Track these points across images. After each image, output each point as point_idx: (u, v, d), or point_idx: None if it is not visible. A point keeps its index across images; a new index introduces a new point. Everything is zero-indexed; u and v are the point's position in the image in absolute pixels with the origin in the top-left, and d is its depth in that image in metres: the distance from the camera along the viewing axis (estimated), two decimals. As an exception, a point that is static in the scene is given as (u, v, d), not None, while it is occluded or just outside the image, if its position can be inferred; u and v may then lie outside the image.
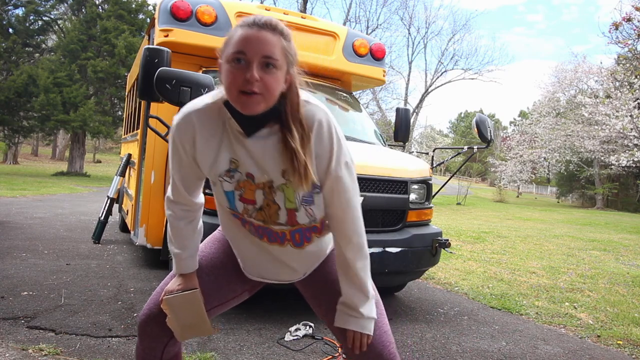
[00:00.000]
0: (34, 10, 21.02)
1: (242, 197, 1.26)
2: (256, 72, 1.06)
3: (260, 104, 1.09)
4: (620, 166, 18.96)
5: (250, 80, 1.06)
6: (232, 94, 1.09)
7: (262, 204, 1.26)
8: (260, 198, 1.25)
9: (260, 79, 1.07)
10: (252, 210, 1.27)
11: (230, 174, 1.23)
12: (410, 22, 29.47)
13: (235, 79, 1.08)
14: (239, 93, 1.08)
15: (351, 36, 4.29)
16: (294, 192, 1.24)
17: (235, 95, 1.09)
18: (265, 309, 3.27)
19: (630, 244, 8.76)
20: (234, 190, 1.25)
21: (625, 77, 17.22)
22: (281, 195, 1.24)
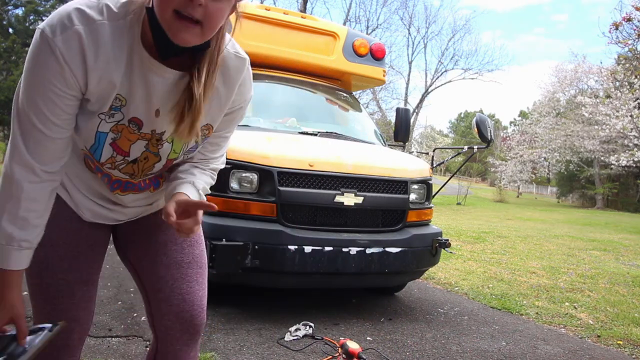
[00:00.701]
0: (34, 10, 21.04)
1: (115, 143, 1.04)
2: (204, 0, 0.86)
3: (195, 37, 0.91)
4: (620, 166, 18.95)
5: (194, 2, 0.85)
6: (164, 12, 0.88)
7: (137, 156, 1.08)
8: (138, 150, 1.07)
9: (205, 5, 0.87)
10: (121, 162, 1.08)
11: (111, 111, 1.00)
12: (410, 22, 29.49)
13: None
14: (174, 14, 0.87)
15: (351, 36, 4.29)
16: (182, 143, 1.10)
17: (169, 15, 0.88)
18: (265, 309, 3.27)
19: (630, 244, 8.76)
20: (108, 132, 1.02)
21: (626, 77, 17.21)
22: (168, 147, 1.09)
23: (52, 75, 0.92)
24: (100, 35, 0.92)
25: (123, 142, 1.05)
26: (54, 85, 0.92)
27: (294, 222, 2.98)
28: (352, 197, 3.05)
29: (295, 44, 4.04)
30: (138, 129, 1.04)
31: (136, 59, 0.97)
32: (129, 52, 0.96)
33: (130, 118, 1.02)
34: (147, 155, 1.09)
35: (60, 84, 0.93)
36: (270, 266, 2.86)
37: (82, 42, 0.91)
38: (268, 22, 3.91)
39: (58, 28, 0.90)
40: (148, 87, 1.00)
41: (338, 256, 2.93)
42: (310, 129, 3.68)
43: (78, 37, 0.90)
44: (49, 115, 0.95)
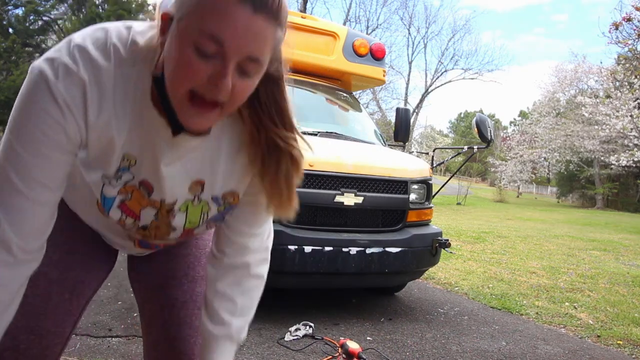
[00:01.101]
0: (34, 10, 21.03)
1: (125, 204, 0.89)
2: (231, 78, 0.70)
3: (213, 122, 0.77)
4: (620, 166, 18.96)
5: (219, 87, 0.69)
6: (177, 90, 0.72)
7: (147, 223, 0.93)
8: (148, 218, 0.92)
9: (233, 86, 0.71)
10: (132, 225, 0.92)
11: (118, 173, 0.85)
12: (410, 22, 29.50)
13: (193, 74, 0.69)
14: (190, 95, 0.71)
15: (351, 36, 4.29)
16: (201, 212, 0.93)
17: (182, 95, 0.71)
18: (265, 309, 3.27)
19: (630, 244, 8.76)
20: (115, 195, 0.87)
21: (625, 77, 17.22)
22: (181, 217, 0.93)
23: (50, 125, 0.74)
24: (105, 86, 0.76)
25: (134, 204, 0.89)
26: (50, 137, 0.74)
27: (294, 222, 2.98)
28: (352, 197, 3.05)
29: (295, 44, 4.03)
30: (148, 194, 0.88)
31: (146, 115, 0.80)
32: (137, 107, 0.79)
33: (141, 180, 0.86)
34: (157, 224, 0.94)
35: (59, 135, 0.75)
36: (270, 266, 2.85)
37: (85, 93, 0.75)
38: (268, 22, 3.91)
39: (61, 71, 0.73)
40: (156, 151, 0.83)
41: (338, 256, 2.93)
42: (310, 129, 3.68)
43: (82, 86, 0.74)
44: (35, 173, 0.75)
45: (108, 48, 0.76)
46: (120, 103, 0.78)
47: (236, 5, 0.67)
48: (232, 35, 0.67)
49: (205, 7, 0.67)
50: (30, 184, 0.75)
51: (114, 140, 0.80)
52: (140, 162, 0.84)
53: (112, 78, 0.76)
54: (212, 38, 0.67)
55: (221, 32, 0.67)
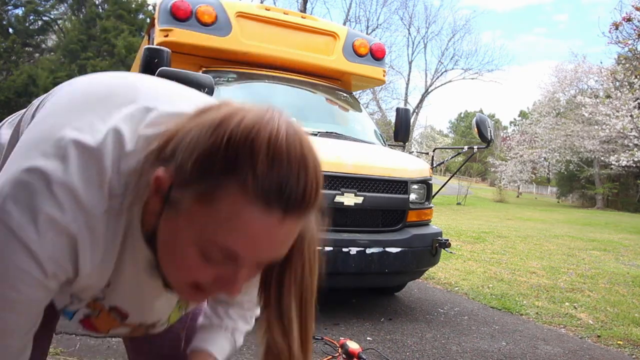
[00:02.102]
0: (34, 10, 21.05)
1: (87, 320, 0.77)
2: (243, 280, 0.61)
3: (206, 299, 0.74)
4: (620, 166, 18.96)
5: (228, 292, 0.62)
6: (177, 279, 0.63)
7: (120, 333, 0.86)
8: (121, 332, 0.84)
9: None
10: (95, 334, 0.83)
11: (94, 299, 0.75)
12: (410, 22, 29.51)
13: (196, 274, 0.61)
14: (193, 285, 0.63)
15: (351, 36, 4.29)
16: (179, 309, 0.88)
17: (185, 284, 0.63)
18: (265, 309, 3.27)
19: (630, 244, 8.76)
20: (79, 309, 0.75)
21: (625, 77, 17.22)
22: (163, 325, 0.87)
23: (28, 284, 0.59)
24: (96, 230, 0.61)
25: (101, 324, 0.77)
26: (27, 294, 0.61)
27: (294, 222, 2.97)
28: (352, 197, 3.05)
29: (295, 44, 4.04)
30: (121, 319, 0.77)
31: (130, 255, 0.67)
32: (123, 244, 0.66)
33: (112, 306, 0.74)
34: (132, 332, 0.85)
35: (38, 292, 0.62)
36: (270, 266, 2.86)
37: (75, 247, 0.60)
38: (268, 22, 3.91)
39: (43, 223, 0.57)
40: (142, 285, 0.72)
41: (338, 256, 2.93)
42: (310, 129, 3.68)
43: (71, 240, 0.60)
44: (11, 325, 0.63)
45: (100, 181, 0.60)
46: (111, 244, 0.64)
47: (261, 215, 0.53)
48: (251, 249, 0.56)
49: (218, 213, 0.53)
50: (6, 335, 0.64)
51: (98, 279, 0.68)
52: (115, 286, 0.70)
53: (104, 220, 0.61)
54: (224, 251, 0.56)
55: (237, 246, 0.55)
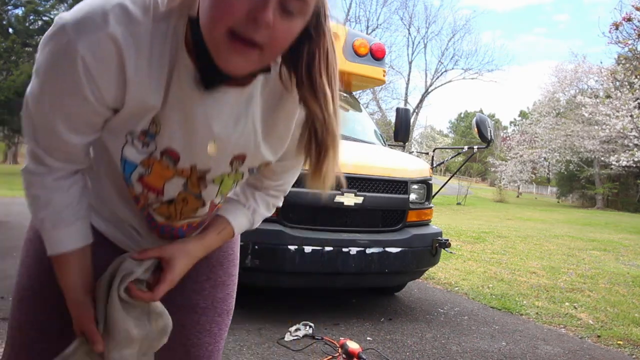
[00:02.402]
0: (34, 10, 21.03)
1: (144, 180, 0.82)
2: (272, 13, 0.63)
3: (251, 65, 0.68)
4: (620, 166, 18.96)
5: (259, 21, 0.62)
6: (215, 29, 0.64)
7: (174, 196, 0.85)
8: (175, 190, 0.84)
9: (273, 26, 0.63)
10: (155, 201, 0.85)
11: (145, 139, 0.77)
12: (410, 22, 29.51)
13: (230, 9, 0.62)
14: (229, 34, 0.64)
15: (351, 36, 4.28)
16: (233, 181, 0.88)
17: (222, 34, 0.64)
18: (265, 309, 3.27)
19: (630, 244, 8.76)
20: (137, 164, 0.79)
21: (625, 77, 17.23)
22: (213, 189, 0.87)
23: (69, 86, 0.69)
24: (144, 40, 0.69)
25: (154, 179, 0.82)
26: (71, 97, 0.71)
27: (294, 222, 2.98)
28: (352, 197, 3.05)
29: None
30: (174, 163, 0.80)
31: (178, 71, 0.73)
32: (170, 62, 0.72)
33: (164, 149, 0.78)
34: (185, 196, 0.86)
35: (79, 97, 0.70)
36: (270, 266, 2.86)
37: (119, 50, 0.67)
38: (268, 22, 3.91)
39: (86, 27, 0.66)
40: (190, 110, 0.75)
41: (338, 256, 2.94)
42: (310, 129, 3.68)
43: (114, 42, 0.67)
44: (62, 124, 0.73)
45: (147, 4, 0.69)
46: (157, 60, 0.71)
47: None
48: None
49: None
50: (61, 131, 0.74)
51: (146, 100, 0.73)
52: (165, 128, 0.76)
53: (150, 34, 0.69)
54: None
55: None
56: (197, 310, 1.01)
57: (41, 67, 0.70)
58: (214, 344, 1.04)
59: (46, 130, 0.75)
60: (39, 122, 0.74)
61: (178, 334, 0.97)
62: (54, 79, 0.69)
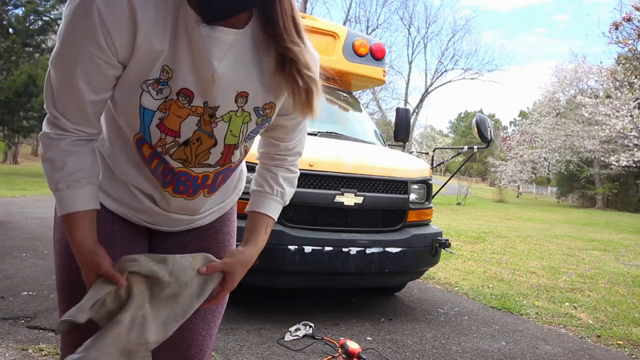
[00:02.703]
0: (34, 10, 21.03)
1: (162, 124, 0.90)
2: None
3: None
4: (620, 166, 18.94)
5: None
6: None
7: (189, 137, 0.92)
8: (190, 129, 0.91)
9: None
10: (172, 143, 0.93)
11: (158, 86, 0.86)
12: (410, 22, 29.54)
13: None
14: None
15: (351, 36, 4.29)
16: (242, 123, 0.95)
17: None
18: (265, 309, 3.27)
19: (630, 244, 8.76)
20: (156, 110, 0.88)
21: (625, 77, 17.22)
22: (223, 127, 0.93)
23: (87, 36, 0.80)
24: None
25: (171, 121, 0.90)
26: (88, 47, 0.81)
27: (294, 222, 2.98)
28: (352, 197, 3.05)
29: None
30: (189, 101, 0.89)
31: (181, 20, 0.83)
32: (174, 11, 0.83)
33: (179, 90, 0.87)
34: (199, 135, 0.93)
35: (95, 46, 0.81)
36: (270, 266, 2.86)
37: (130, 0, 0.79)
38: (268, 22, 3.91)
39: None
40: (194, 51, 0.85)
41: (338, 256, 2.94)
42: (310, 129, 3.68)
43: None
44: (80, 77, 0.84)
45: None
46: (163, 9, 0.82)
47: None
48: None
49: None
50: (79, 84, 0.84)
51: (155, 47, 0.83)
52: (178, 71, 0.86)
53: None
54: None
55: None
56: None
57: (63, 26, 0.82)
58: (207, 329, 1.12)
59: (65, 88, 0.85)
60: (59, 80, 0.85)
61: None
62: (73, 33, 0.81)
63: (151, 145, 0.93)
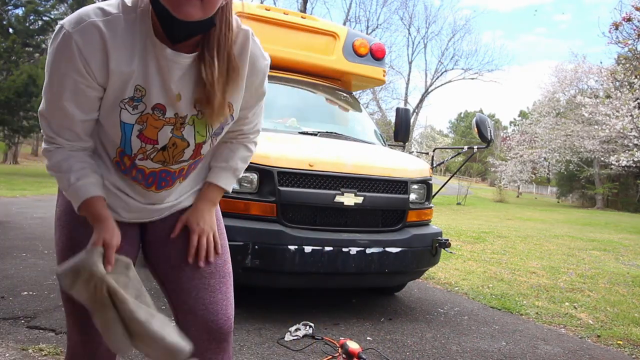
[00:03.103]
0: (34, 10, 21.02)
1: (142, 134, 1.08)
2: None
3: (196, 10, 0.94)
4: (620, 166, 18.94)
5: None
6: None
7: (166, 143, 1.11)
8: (166, 137, 1.10)
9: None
10: (152, 150, 1.11)
11: (133, 103, 1.04)
12: (410, 22, 29.56)
13: None
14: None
15: (351, 36, 4.29)
16: (206, 125, 1.13)
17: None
18: (265, 309, 3.27)
19: (630, 244, 8.76)
20: (134, 123, 1.06)
21: (625, 77, 17.21)
22: (190, 130, 1.12)
23: (69, 66, 0.98)
24: (118, 27, 0.98)
25: (150, 131, 1.08)
26: (71, 75, 0.99)
27: (294, 222, 2.98)
28: (352, 197, 3.05)
29: (295, 44, 4.04)
30: (162, 114, 1.07)
31: (150, 48, 1.02)
32: (142, 42, 1.01)
33: (154, 105, 1.06)
34: (174, 141, 1.12)
35: (77, 73, 0.99)
36: (270, 266, 2.86)
37: (101, 34, 0.96)
38: (268, 22, 3.91)
39: (75, 22, 0.96)
40: (164, 74, 1.04)
41: (338, 256, 2.93)
42: (310, 129, 3.68)
43: (97, 30, 0.96)
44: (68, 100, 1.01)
45: (117, 3, 1.00)
46: (132, 39, 1.00)
47: None
48: None
49: None
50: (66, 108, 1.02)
51: (131, 70, 1.01)
52: (150, 90, 1.04)
53: (122, 21, 0.99)
54: None
55: None
56: (205, 275, 1.26)
57: (49, 61, 1.00)
58: (226, 299, 1.28)
59: (57, 112, 1.03)
60: (51, 106, 1.03)
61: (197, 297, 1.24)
62: (58, 64, 0.99)
63: (131, 156, 1.11)
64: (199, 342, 1.20)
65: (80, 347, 1.20)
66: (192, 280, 1.24)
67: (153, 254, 1.31)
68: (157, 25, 1.01)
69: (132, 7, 1.01)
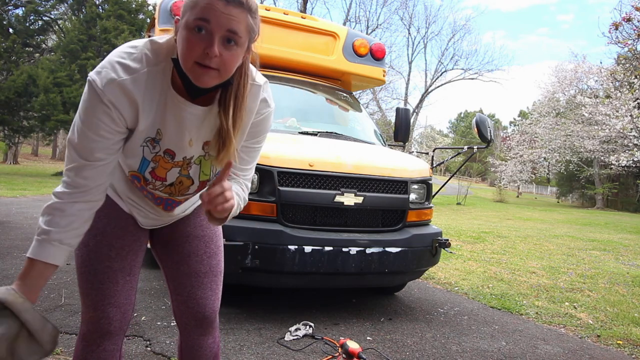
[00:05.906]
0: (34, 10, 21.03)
1: (153, 172, 1.23)
2: (217, 47, 1.01)
3: (214, 79, 1.06)
4: (620, 166, 18.95)
5: (210, 55, 1.01)
6: (187, 63, 1.04)
7: (173, 181, 1.26)
8: (173, 176, 1.25)
9: (220, 55, 1.02)
10: (160, 185, 1.27)
11: (154, 143, 1.19)
12: (410, 22, 29.55)
13: (193, 49, 1.02)
14: (195, 64, 1.03)
15: (351, 36, 4.29)
16: (211, 166, 1.27)
17: (190, 65, 1.04)
18: (265, 309, 3.27)
19: (630, 244, 8.76)
20: (150, 161, 1.22)
21: (625, 77, 17.22)
22: (196, 169, 1.26)
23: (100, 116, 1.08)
24: (143, 82, 1.10)
25: (160, 171, 1.24)
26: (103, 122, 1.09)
27: (294, 222, 2.98)
28: (352, 197, 3.05)
29: (295, 44, 4.04)
30: (171, 158, 1.22)
31: (169, 99, 1.14)
32: (162, 93, 1.13)
33: (165, 150, 1.20)
34: (181, 179, 1.27)
35: (108, 121, 1.09)
36: (270, 266, 2.86)
37: (128, 90, 1.08)
38: (268, 22, 3.91)
39: (105, 80, 1.07)
40: (180, 123, 1.16)
41: (338, 256, 2.94)
42: (310, 129, 3.68)
43: (123, 87, 1.07)
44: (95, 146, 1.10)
45: (140, 57, 1.10)
46: (154, 91, 1.12)
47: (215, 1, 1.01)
48: (214, 16, 1.01)
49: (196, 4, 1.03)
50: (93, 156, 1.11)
51: (153, 118, 1.14)
52: (165, 135, 1.17)
53: (146, 75, 1.10)
54: (202, 20, 1.01)
55: (207, 14, 1.01)
56: (200, 275, 1.44)
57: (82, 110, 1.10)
58: (215, 295, 1.47)
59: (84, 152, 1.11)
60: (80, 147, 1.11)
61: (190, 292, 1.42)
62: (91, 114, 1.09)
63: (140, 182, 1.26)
64: (187, 327, 1.46)
65: (94, 323, 1.32)
66: (188, 279, 1.43)
67: (158, 253, 1.49)
68: (175, 79, 1.12)
69: (155, 60, 1.11)
